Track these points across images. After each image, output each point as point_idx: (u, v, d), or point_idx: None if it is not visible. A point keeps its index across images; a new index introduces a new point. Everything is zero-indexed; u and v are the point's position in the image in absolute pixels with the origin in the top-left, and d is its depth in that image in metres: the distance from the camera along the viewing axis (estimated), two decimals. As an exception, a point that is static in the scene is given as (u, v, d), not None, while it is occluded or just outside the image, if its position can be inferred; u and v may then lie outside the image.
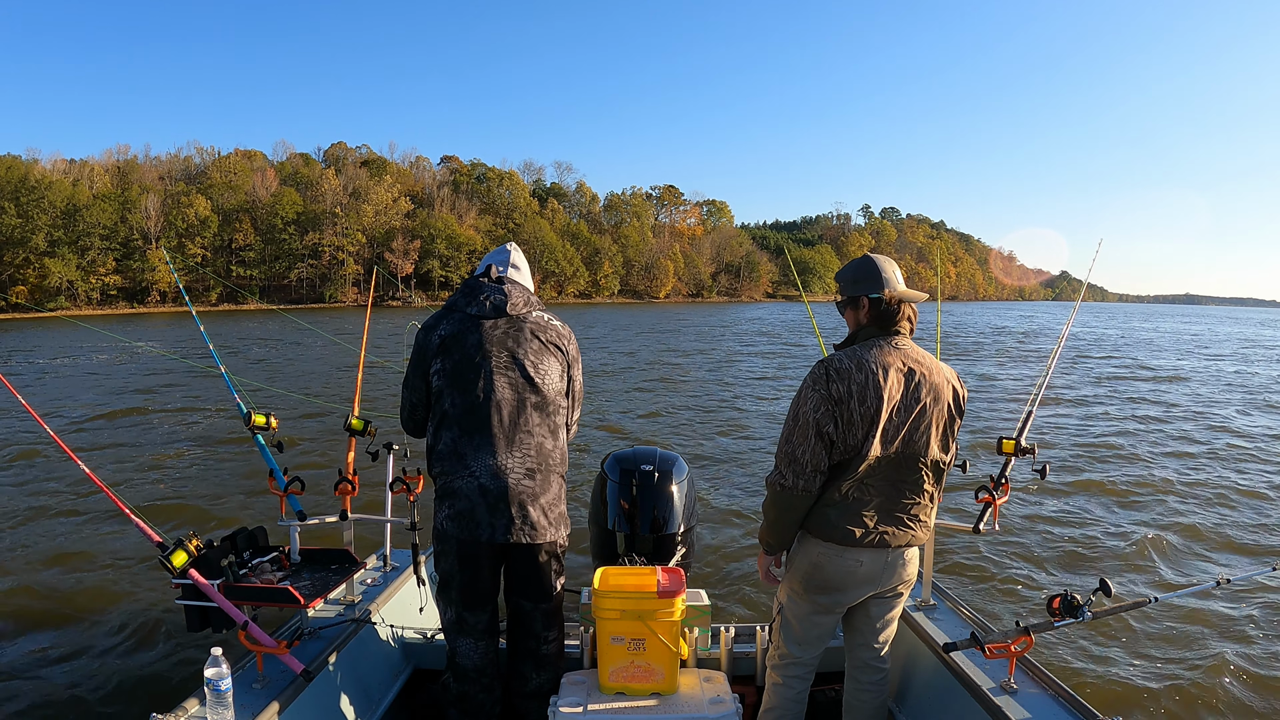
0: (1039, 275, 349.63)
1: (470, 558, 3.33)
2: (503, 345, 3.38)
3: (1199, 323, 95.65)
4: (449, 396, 3.34)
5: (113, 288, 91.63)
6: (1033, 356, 34.24)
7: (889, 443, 2.96)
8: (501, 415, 3.32)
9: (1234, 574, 3.45)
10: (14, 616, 6.49)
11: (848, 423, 2.94)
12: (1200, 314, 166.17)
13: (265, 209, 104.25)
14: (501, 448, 3.31)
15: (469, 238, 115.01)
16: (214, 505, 9.72)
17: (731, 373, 26.65)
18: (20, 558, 7.82)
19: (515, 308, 3.45)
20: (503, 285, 3.49)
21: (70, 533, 8.53)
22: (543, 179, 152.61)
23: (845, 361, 2.99)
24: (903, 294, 3.08)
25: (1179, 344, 48.63)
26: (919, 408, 2.99)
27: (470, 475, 3.28)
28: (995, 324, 67.01)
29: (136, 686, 5.39)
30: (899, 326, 3.08)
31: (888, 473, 3.00)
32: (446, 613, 3.47)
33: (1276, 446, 14.91)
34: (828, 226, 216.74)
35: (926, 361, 3.06)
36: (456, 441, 3.32)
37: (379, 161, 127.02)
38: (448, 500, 3.32)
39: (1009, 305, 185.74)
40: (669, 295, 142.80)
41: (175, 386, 20.20)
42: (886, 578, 3.13)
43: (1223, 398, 22.11)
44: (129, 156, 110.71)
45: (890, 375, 2.96)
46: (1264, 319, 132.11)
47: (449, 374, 3.34)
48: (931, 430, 3.02)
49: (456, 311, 3.45)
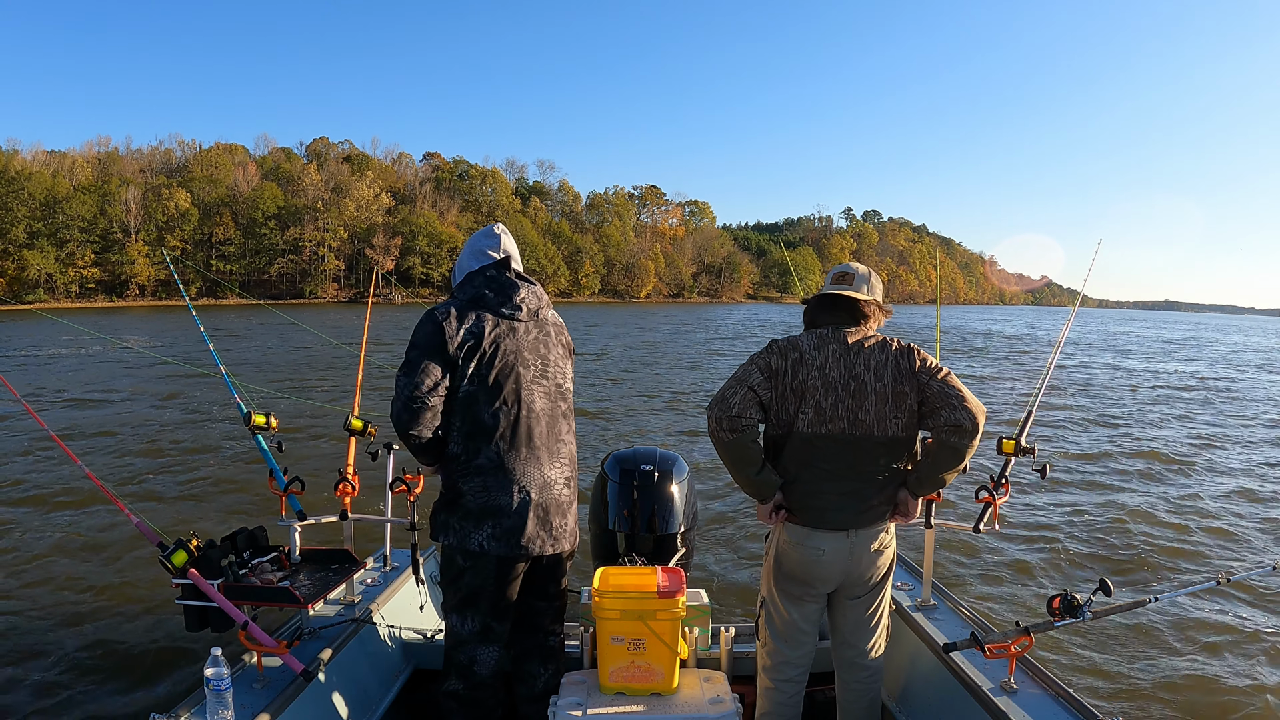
0: (1021, 281, 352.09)
1: (509, 573, 3.28)
2: (536, 352, 3.31)
3: (1181, 329, 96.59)
4: (486, 406, 3.19)
5: (91, 281, 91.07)
6: (1016, 357, 34.46)
7: (828, 421, 3.05)
8: (542, 427, 3.28)
9: (1234, 573, 3.47)
10: (13, 617, 6.43)
11: (780, 396, 3.09)
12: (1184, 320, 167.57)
13: (246, 203, 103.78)
14: (545, 460, 3.28)
15: (450, 235, 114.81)
16: (214, 505, 9.65)
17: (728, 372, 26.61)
18: (18, 558, 7.73)
19: (541, 309, 3.39)
20: (532, 285, 3.38)
21: (69, 533, 8.43)
22: (525, 177, 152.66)
23: (784, 342, 3.16)
24: (832, 286, 3.23)
25: (1164, 349, 49.25)
26: (856, 386, 3.05)
27: (520, 490, 3.20)
28: (977, 328, 67.35)
29: (136, 686, 5.36)
30: (841, 319, 3.18)
31: (841, 454, 3.06)
32: (468, 624, 3.31)
33: (1276, 447, 15.13)
34: (810, 228, 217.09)
35: (869, 343, 3.12)
36: (502, 456, 3.19)
37: (361, 157, 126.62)
38: (491, 519, 3.19)
39: (988, 309, 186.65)
40: (650, 295, 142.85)
41: (173, 386, 19.92)
42: (855, 568, 3.15)
43: (1222, 399, 22.43)
44: (109, 149, 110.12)
45: (824, 355, 3.09)
46: (1242, 325, 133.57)
47: (484, 380, 3.18)
48: (878, 407, 3.05)
49: (485, 308, 3.26)
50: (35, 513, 9.22)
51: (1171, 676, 5.85)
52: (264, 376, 22.05)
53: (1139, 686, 5.70)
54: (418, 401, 3.10)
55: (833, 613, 3.32)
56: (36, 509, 9.36)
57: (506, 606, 3.34)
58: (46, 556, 7.75)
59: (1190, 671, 5.94)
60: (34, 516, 9.08)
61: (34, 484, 10.44)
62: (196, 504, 9.71)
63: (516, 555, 3.23)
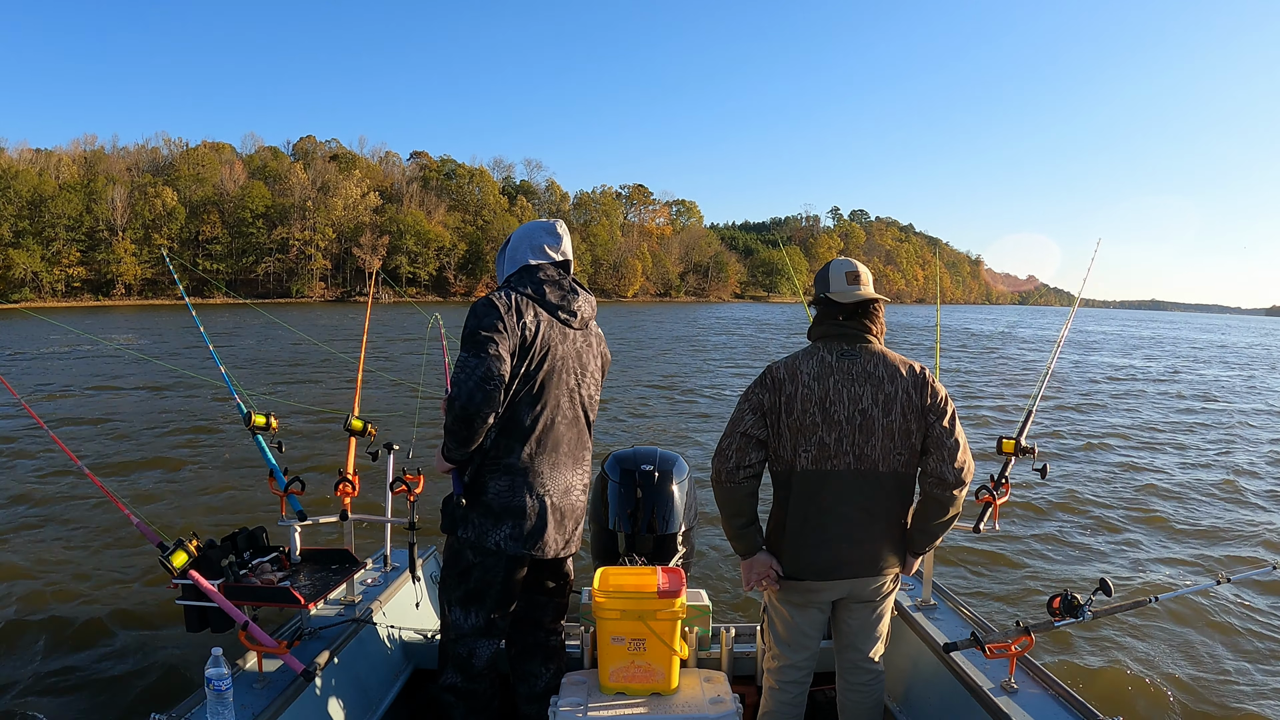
0: (1008, 281, 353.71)
1: (517, 571, 3.27)
2: (579, 360, 3.30)
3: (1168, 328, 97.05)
4: (527, 407, 3.15)
5: (77, 280, 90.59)
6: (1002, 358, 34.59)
7: (833, 458, 2.96)
8: (573, 433, 3.29)
9: (1234, 573, 3.48)
10: (12, 617, 6.40)
11: (776, 433, 3.00)
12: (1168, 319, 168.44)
13: (233, 202, 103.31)
14: (570, 466, 3.28)
15: (438, 234, 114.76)
16: (214, 505, 9.62)
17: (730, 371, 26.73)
18: (18, 558, 7.68)
19: (591, 320, 3.40)
20: (589, 295, 3.37)
21: (69, 533, 8.39)
22: (512, 176, 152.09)
23: (781, 371, 3.03)
24: (861, 295, 3.03)
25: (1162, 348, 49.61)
26: (863, 421, 2.96)
27: (544, 493, 3.19)
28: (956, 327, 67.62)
29: (136, 687, 5.34)
30: (848, 333, 3.05)
31: (846, 491, 2.98)
32: (471, 618, 3.28)
33: (1276, 447, 15.24)
34: (796, 228, 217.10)
35: (879, 371, 3.00)
36: (533, 458, 3.17)
37: (348, 156, 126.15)
38: (512, 519, 3.16)
39: (975, 309, 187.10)
40: (637, 294, 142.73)
41: (172, 386, 19.81)
42: (860, 583, 3.10)
43: (1220, 401, 22.60)
44: (96, 147, 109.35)
45: (824, 388, 2.97)
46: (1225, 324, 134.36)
47: (530, 380, 3.14)
48: (885, 443, 2.97)
49: (545, 307, 3.21)
50: (35, 513, 9.18)
51: (1172, 676, 5.87)
52: (256, 377, 21.94)
53: (1139, 686, 5.71)
54: (492, 382, 2.97)
55: (837, 617, 3.27)
56: (36, 509, 9.32)
57: (510, 602, 3.33)
58: (46, 557, 7.70)
59: (1191, 671, 5.96)
60: (33, 517, 9.04)
61: (33, 484, 10.39)
62: (196, 504, 9.67)
63: (530, 557, 3.23)
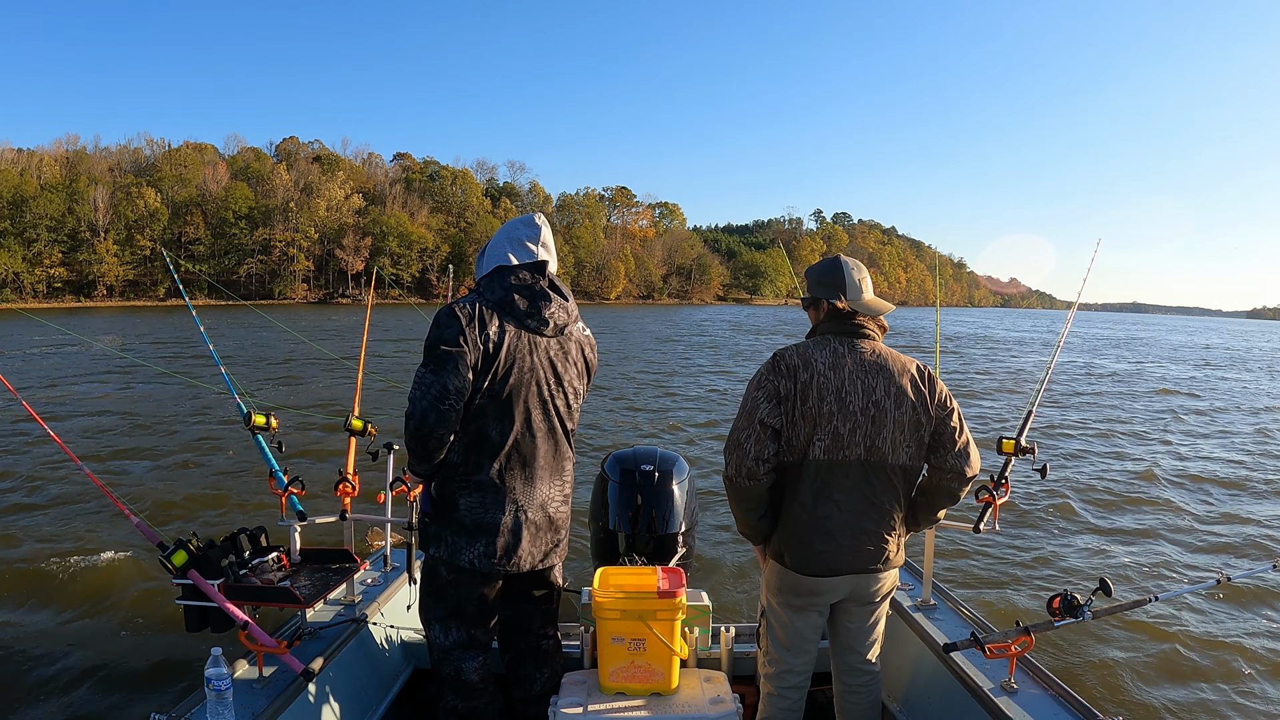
0: (991, 283, 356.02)
1: (492, 586, 3.23)
2: (552, 369, 3.17)
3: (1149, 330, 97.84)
4: (495, 422, 3.06)
5: (58, 280, 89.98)
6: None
7: (845, 448, 2.94)
8: (549, 445, 3.20)
9: (1234, 572, 3.50)
10: (13, 617, 6.38)
11: (790, 421, 2.94)
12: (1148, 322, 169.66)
13: (216, 203, 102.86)
14: (546, 479, 3.21)
15: (421, 236, 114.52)
16: (214, 505, 9.58)
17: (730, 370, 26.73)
18: (17, 559, 7.64)
19: (569, 325, 3.25)
20: (565, 299, 3.22)
21: (69, 533, 8.35)
22: (495, 178, 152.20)
23: (794, 358, 2.98)
24: (867, 303, 3.06)
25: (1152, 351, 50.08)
26: (876, 412, 2.94)
27: (517, 509, 3.12)
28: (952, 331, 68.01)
29: (136, 686, 5.33)
30: (859, 330, 3.05)
31: (857, 483, 2.97)
32: (450, 635, 3.25)
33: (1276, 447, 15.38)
34: (780, 230, 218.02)
35: (889, 365, 2.99)
36: (504, 473, 3.09)
37: (331, 157, 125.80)
38: (485, 536, 3.09)
39: (959, 311, 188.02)
40: (620, 296, 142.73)
41: (171, 386, 19.68)
42: (862, 583, 3.10)
43: (1222, 400, 22.81)
44: (78, 147, 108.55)
45: (840, 377, 2.94)
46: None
47: (496, 394, 3.04)
48: (895, 435, 2.96)
49: (510, 315, 3.08)
50: (34, 513, 9.13)
51: (1172, 676, 5.89)
52: (245, 376, 21.84)
53: (1139, 686, 5.73)
54: (448, 401, 2.90)
55: (834, 618, 3.26)
56: (35, 509, 9.27)
57: (490, 616, 3.31)
58: (46, 557, 7.66)
59: (1191, 671, 5.98)
60: (33, 517, 8.99)
61: (32, 484, 10.33)
62: (196, 504, 9.64)
63: (506, 572, 3.18)
